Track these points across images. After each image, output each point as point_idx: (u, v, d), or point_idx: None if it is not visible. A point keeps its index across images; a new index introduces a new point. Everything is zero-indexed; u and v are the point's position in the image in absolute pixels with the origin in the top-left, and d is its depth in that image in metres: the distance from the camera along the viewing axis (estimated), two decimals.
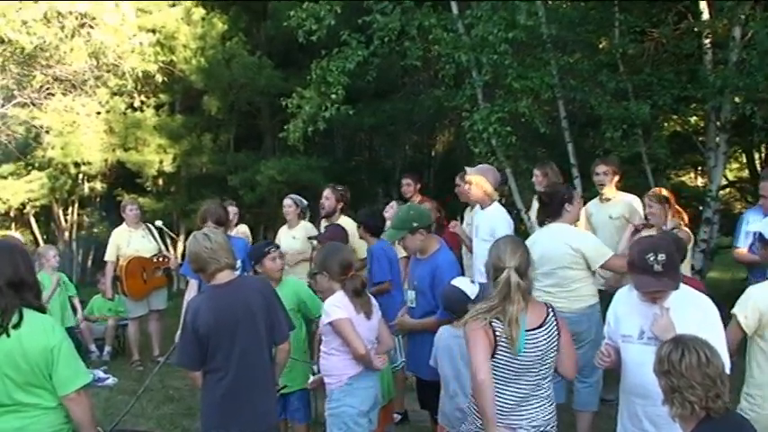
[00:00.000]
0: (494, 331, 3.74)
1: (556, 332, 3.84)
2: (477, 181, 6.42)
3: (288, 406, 5.57)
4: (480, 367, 3.66)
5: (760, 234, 4.46)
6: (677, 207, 6.51)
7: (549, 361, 3.84)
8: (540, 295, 5.65)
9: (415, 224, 5.26)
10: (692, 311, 3.72)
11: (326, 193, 7.98)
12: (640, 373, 3.71)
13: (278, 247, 5.78)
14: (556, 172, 7.55)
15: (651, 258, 3.64)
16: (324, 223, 7.95)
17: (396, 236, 5.40)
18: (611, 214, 7.03)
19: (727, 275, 12.68)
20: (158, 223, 9.46)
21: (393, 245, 6.24)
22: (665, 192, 6.49)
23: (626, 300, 3.98)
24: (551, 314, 3.88)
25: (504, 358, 3.74)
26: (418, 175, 9.50)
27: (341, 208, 7.94)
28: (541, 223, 5.94)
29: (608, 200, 7.16)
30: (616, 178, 7.16)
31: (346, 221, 7.65)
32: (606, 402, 6.79)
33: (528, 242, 5.87)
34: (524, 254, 3.84)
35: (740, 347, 4.20)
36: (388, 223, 6.48)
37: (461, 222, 7.98)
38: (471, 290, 4.76)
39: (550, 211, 5.78)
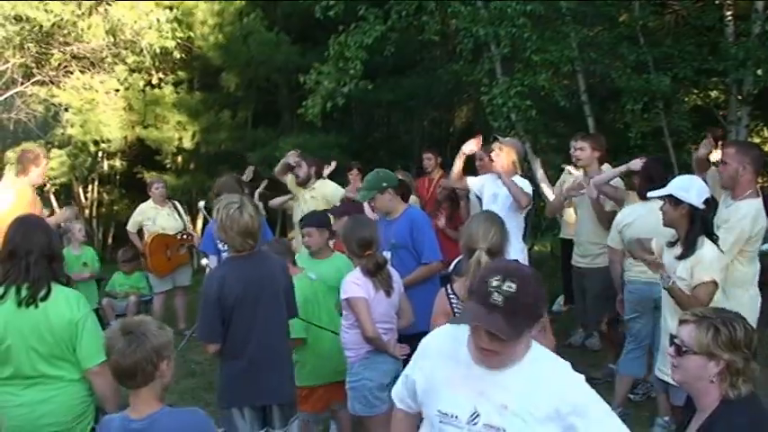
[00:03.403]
0: (453, 312, 3.85)
1: None
2: (508, 150, 6.62)
3: None
4: None
5: (670, 195, 4.49)
6: None
7: None
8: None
9: (384, 184, 5.62)
10: (543, 395, 2.53)
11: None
12: None
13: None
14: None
15: (494, 283, 2.39)
16: (302, 191, 8.30)
17: (367, 196, 5.70)
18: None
19: None
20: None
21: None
22: None
23: (448, 355, 2.67)
24: None
25: None
26: (438, 150, 9.49)
27: (315, 172, 8.30)
28: (643, 197, 5.77)
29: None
30: (597, 154, 6.95)
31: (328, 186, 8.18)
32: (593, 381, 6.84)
33: (628, 219, 5.92)
34: (498, 233, 3.74)
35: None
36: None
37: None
38: None
39: (657, 186, 5.70)
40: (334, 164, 9.15)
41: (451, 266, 4.85)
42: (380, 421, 4.70)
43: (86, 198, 17.53)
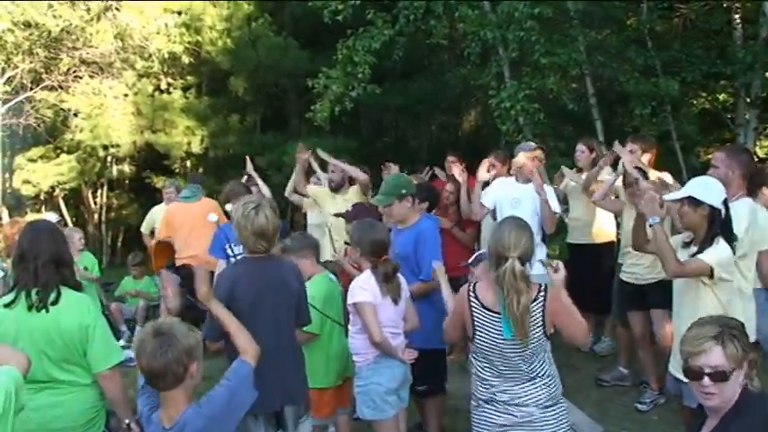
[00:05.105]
0: (471, 313, 3.79)
1: (540, 312, 3.69)
2: (538, 155, 6.74)
3: None
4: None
5: (690, 197, 4.38)
6: None
7: (533, 342, 3.70)
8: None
9: (403, 191, 5.32)
10: None
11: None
12: None
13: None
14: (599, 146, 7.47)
15: None
16: (334, 196, 8.02)
17: (385, 201, 5.38)
18: None
19: None
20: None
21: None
22: None
23: None
24: (541, 295, 3.71)
25: (483, 341, 3.77)
26: (462, 153, 9.43)
27: (349, 179, 8.01)
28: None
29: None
30: (646, 156, 6.94)
31: (355, 192, 7.79)
32: (602, 383, 6.85)
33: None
34: (529, 240, 3.70)
35: None
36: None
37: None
38: None
39: None
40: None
41: (471, 259, 4.87)
42: (389, 425, 4.71)
43: (95, 203, 17.59)
